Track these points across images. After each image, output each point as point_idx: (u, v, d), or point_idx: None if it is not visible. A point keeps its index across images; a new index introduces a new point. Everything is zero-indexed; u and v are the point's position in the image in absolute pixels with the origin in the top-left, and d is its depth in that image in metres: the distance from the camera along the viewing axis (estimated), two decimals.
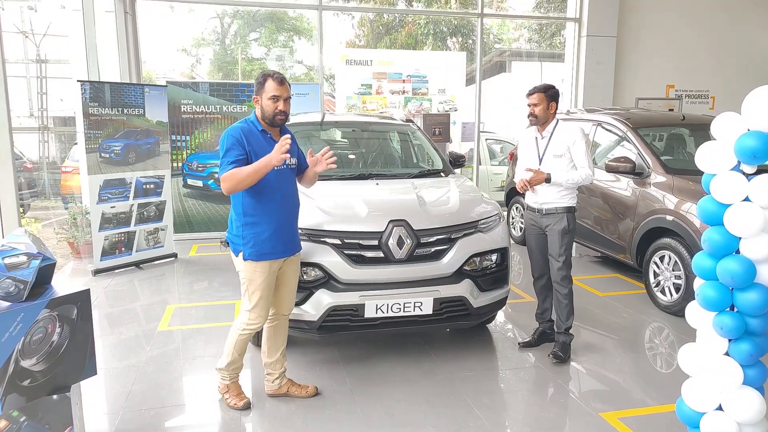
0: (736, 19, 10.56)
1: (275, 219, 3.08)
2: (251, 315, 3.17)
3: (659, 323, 4.82)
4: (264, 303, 3.16)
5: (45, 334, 2.34)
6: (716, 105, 10.67)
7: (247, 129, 3.05)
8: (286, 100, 3.05)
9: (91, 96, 5.92)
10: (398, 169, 5.13)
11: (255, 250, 3.06)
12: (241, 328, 3.22)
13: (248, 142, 3.00)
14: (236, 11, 23.90)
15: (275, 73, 3.09)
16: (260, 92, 3.05)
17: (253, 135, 3.04)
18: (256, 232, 3.05)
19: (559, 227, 3.91)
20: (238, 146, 2.97)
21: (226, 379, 3.37)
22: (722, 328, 2.65)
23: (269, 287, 3.15)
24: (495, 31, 23.87)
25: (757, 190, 2.57)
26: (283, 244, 3.15)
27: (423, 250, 3.66)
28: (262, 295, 3.13)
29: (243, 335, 3.23)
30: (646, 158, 5.43)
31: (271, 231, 3.06)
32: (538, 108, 3.88)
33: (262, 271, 3.09)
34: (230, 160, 2.94)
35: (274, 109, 3.03)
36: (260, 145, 3.03)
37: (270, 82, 3.02)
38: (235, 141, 2.97)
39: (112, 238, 6.17)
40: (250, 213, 3.06)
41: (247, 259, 3.08)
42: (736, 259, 2.60)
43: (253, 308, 3.15)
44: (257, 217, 3.06)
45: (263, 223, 3.06)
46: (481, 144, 9.99)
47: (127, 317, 4.90)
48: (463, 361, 3.98)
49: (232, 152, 2.96)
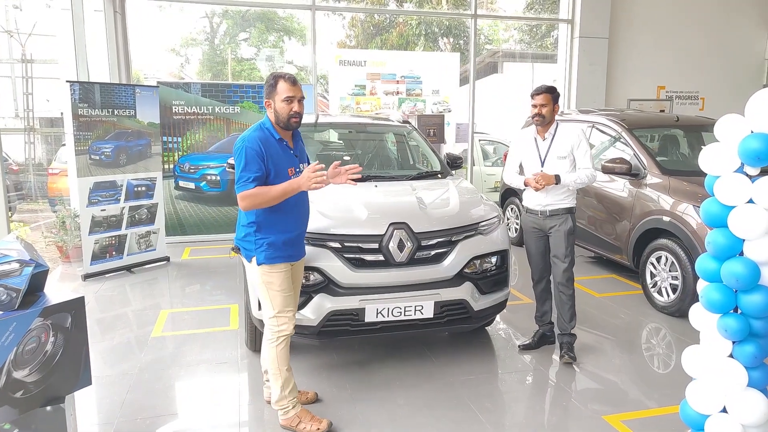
0: (725, 21, 10.65)
1: (290, 226, 3.00)
2: (279, 319, 3.02)
3: (657, 324, 4.81)
4: (289, 302, 3.03)
5: (38, 343, 2.27)
6: (705, 106, 10.75)
7: (264, 138, 2.90)
8: (300, 101, 2.95)
9: (80, 97, 5.82)
10: (396, 170, 5.08)
11: (268, 254, 2.94)
12: (273, 339, 3.04)
13: (268, 155, 2.86)
14: (226, 11, 23.76)
15: (286, 73, 2.97)
16: (272, 95, 2.92)
17: (270, 145, 2.90)
18: (271, 238, 2.95)
19: (565, 228, 3.89)
20: (259, 160, 2.83)
21: (289, 410, 3.10)
22: (726, 330, 2.64)
23: (289, 287, 3.03)
24: (486, 32, 23.92)
25: (761, 192, 2.55)
26: (295, 249, 3.08)
27: (423, 253, 3.62)
28: (284, 298, 3.01)
29: (279, 345, 3.03)
30: (642, 159, 5.43)
31: (285, 238, 2.98)
32: (545, 108, 3.83)
33: (278, 273, 2.98)
34: (251, 177, 2.80)
35: (288, 111, 2.91)
36: (278, 155, 2.91)
37: (282, 84, 2.90)
38: (255, 154, 2.82)
39: (102, 242, 6.07)
40: (264, 222, 2.94)
41: (261, 264, 2.97)
42: (741, 261, 2.59)
43: (279, 312, 3.01)
44: (271, 225, 2.95)
45: (278, 230, 2.96)
46: (474, 145, 9.97)
47: (119, 323, 4.81)
48: (463, 365, 3.95)
49: (252, 167, 2.81)
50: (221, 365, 3.95)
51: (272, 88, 2.92)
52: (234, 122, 7.68)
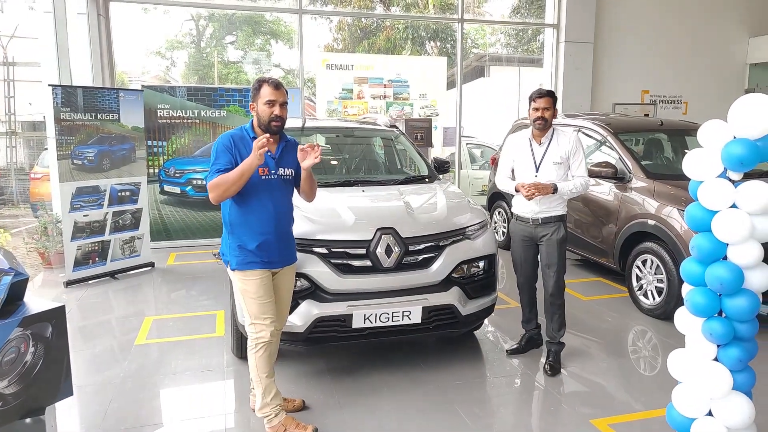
0: (707, 27, 10.80)
1: (262, 229, 2.97)
2: (256, 327, 3.00)
3: (643, 327, 4.84)
4: (265, 309, 2.99)
5: (18, 354, 2.22)
6: (688, 110, 10.89)
7: (238, 136, 2.99)
8: (282, 105, 2.98)
9: (63, 101, 5.74)
10: (384, 175, 5.07)
11: (240, 259, 2.96)
12: (252, 346, 3.02)
13: (237, 149, 2.93)
14: (212, 14, 23.65)
15: (271, 78, 3.03)
16: (256, 98, 2.98)
17: (244, 142, 2.97)
18: (242, 241, 2.96)
19: (557, 236, 3.85)
20: (227, 153, 2.91)
21: (272, 418, 3.07)
22: (711, 333, 2.66)
23: (266, 294, 3.00)
24: (473, 36, 24.04)
25: (744, 197, 2.58)
26: (271, 255, 3.02)
27: (411, 258, 3.60)
28: (259, 305, 2.98)
29: (258, 352, 3.00)
30: (627, 163, 5.47)
31: (258, 242, 2.96)
32: (548, 112, 3.75)
33: (252, 280, 2.97)
34: (217, 167, 2.87)
35: (269, 114, 2.95)
36: (250, 153, 2.90)
37: (265, 87, 2.96)
38: (224, 148, 2.92)
39: (85, 248, 5.99)
40: (236, 222, 2.97)
41: (234, 269, 2.99)
42: (725, 266, 2.61)
43: (254, 319, 3.00)
44: (243, 227, 2.97)
45: (249, 233, 2.96)
46: (461, 148, 10.00)
47: (102, 330, 4.74)
48: (451, 370, 3.93)
49: (220, 160, 2.89)
50: (207, 373, 3.91)
51: (256, 92, 2.99)
52: (220, 126, 7.62)
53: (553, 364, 3.94)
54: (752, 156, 2.54)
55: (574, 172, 3.83)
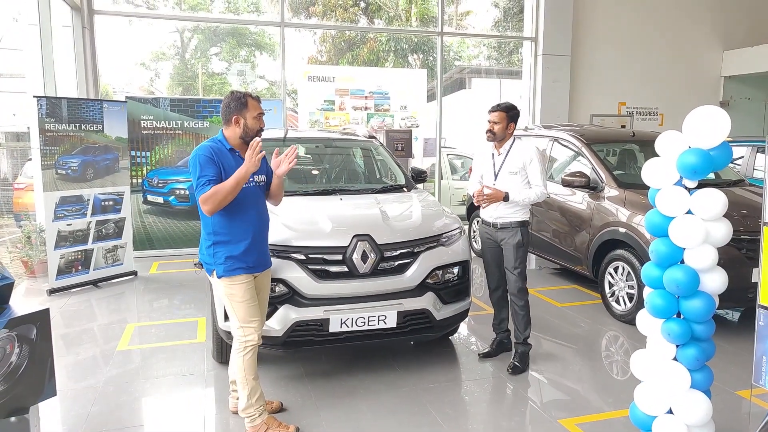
0: (683, 40, 11.11)
1: (246, 236, 3.07)
2: (245, 330, 3.10)
3: (614, 332, 4.98)
4: (252, 312, 3.10)
5: (3, 354, 2.30)
6: (664, 122, 11.15)
7: (216, 148, 3.05)
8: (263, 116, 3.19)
9: (47, 112, 5.81)
10: (362, 184, 5.19)
11: (227, 266, 3.04)
12: (240, 348, 3.11)
13: (220, 161, 3.01)
14: (196, 26, 23.73)
15: (251, 92, 3.19)
16: (242, 111, 3.07)
17: (222, 154, 3.05)
18: (228, 249, 3.04)
19: (513, 241, 4.01)
20: (212, 164, 2.97)
21: (256, 418, 3.17)
22: (670, 334, 2.79)
23: (252, 298, 3.11)
24: (455, 48, 24.34)
25: (698, 204, 2.73)
26: (255, 260, 3.13)
27: (386, 264, 3.71)
28: (247, 309, 3.08)
29: (247, 355, 3.10)
30: (600, 173, 5.64)
31: (243, 248, 3.06)
32: (497, 126, 3.96)
33: (238, 285, 3.06)
34: (208, 179, 2.93)
35: (259, 126, 3.12)
36: (229, 164, 3.03)
37: (252, 101, 3.10)
38: (207, 159, 2.97)
39: (68, 257, 6.03)
40: (221, 232, 3.04)
41: (221, 277, 3.06)
42: (681, 269, 2.75)
43: (243, 323, 3.09)
44: (228, 235, 3.04)
45: (234, 241, 3.05)
46: (442, 159, 10.16)
47: (84, 337, 4.79)
48: (426, 373, 4.05)
49: (208, 171, 2.94)
50: (187, 377, 3.98)
51: (243, 106, 3.08)
52: (203, 137, 7.70)
53: (517, 365, 4.08)
54: (705, 165, 2.70)
55: (531, 182, 4.00)
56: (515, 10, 20.43)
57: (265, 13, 24.03)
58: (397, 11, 21.39)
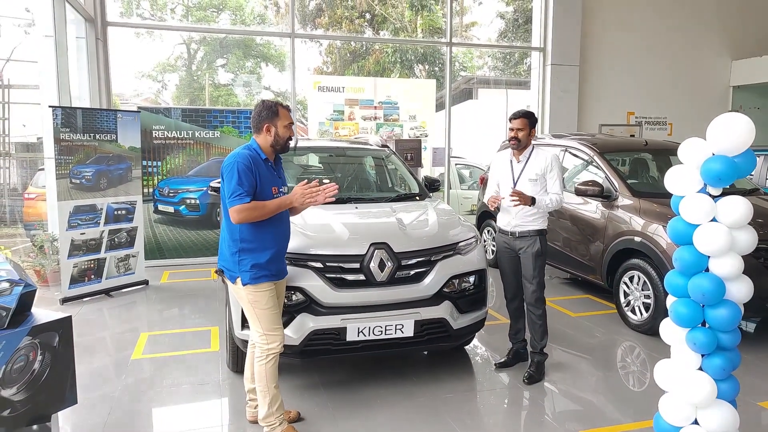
0: (691, 50, 11.12)
1: (272, 246, 3.08)
2: (268, 338, 3.09)
3: (631, 342, 4.94)
4: (276, 320, 3.11)
5: (26, 362, 2.29)
6: (673, 131, 11.13)
7: (254, 156, 3.04)
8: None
9: (62, 121, 5.84)
10: (376, 193, 5.19)
11: (253, 273, 3.03)
12: (263, 357, 3.11)
13: (258, 171, 3.02)
14: (203, 37, 23.91)
15: (281, 101, 3.22)
16: (274, 120, 3.08)
17: (258, 163, 3.06)
18: (254, 257, 3.04)
19: (532, 250, 3.99)
20: (251, 175, 2.97)
21: (275, 427, 3.16)
22: (695, 343, 2.75)
23: (275, 306, 3.12)
24: (460, 58, 24.44)
25: (723, 211, 2.70)
26: (278, 268, 3.16)
27: (404, 272, 3.69)
28: (271, 316, 3.09)
29: (269, 363, 3.11)
30: (613, 182, 5.62)
31: (268, 256, 3.06)
32: (522, 133, 3.97)
33: (264, 292, 3.06)
34: (245, 191, 2.93)
35: (289, 135, 3.14)
36: (264, 173, 3.06)
37: (283, 110, 3.13)
38: (247, 169, 2.96)
39: (81, 266, 6.03)
40: (249, 239, 3.04)
41: (246, 284, 3.05)
42: (706, 277, 2.71)
43: (267, 330, 3.09)
44: (256, 243, 3.04)
45: (261, 249, 3.05)
46: (450, 169, 10.16)
47: (98, 346, 4.78)
48: (442, 383, 4.01)
49: (246, 182, 2.94)
50: (203, 386, 3.95)
51: (274, 114, 3.10)
52: (214, 146, 7.74)
53: (533, 374, 4.05)
54: (730, 172, 2.68)
55: (549, 189, 3.99)
56: (521, 21, 20.53)
57: (271, 24, 24.22)
58: (402, 22, 21.52)
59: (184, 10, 23.50)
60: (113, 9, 20.51)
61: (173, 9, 23.35)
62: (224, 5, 23.62)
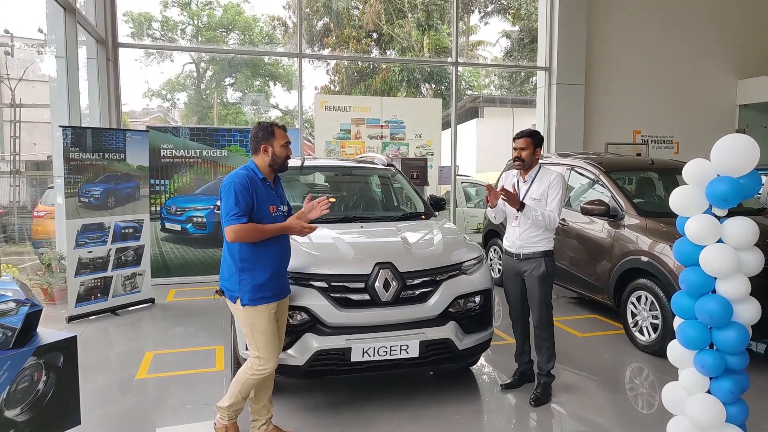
0: (697, 68, 11.14)
1: (271, 265, 3.12)
2: (261, 360, 3.13)
3: (639, 363, 4.88)
4: (272, 345, 3.15)
5: (31, 382, 2.29)
6: (680, 150, 11.11)
7: (251, 177, 3.11)
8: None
9: (72, 141, 5.91)
10: (381, 212, 5.19)
11: (252, 295, 3.07)
12: (250, 373, 3.17)
13: (255, 191, 3.07)
14: (212, 57, 24.23)
15: (277, 122, 3.28)
16: (270, 140, 3.15)
17: (256, 183, 3.11)
18: (254, 277, 3.08)
19: (537, 273, 3.95)
20: (248, 195, 3.03)
21: (224, 419, 3.34)
22: (703, 366, 2.72)
23: (273, 329, 3.15)
24: (467, 77, 24.61)
25: (729, 232, 2.69)
26: (278, 288, 3.19)
27: (409, 292, 3.68)
28: (268, 339, 3.12)
29: (253, 380, 3.18)
30: (620, 201, 5.60)
31: (267, 276, 3.10)
32: (525, 152, 3.94)
33: (263, 314, 3.09)
34: (241, 211, 2.98)
35: (287, 154, 3.20)
36: (262, 193, 3.11)
37: (278, 130, 3.19)
38: (243, 189, 3.02)
39: (87, 284, 6.05)
40: (248, 259, 3.08)
41: (245, 305, 3.08)
42: (714, 299, 2.69)
43: (262, 353, 3.13)
44: (254, 263, 3.08)
45: (260, 269, 3.09)
46: (457, 187, 10.18)
47: (103, 365, 4.77)
48: (447, 404, 3.97)
49: (242, 202, 3.00)
50: (207, 406, 3.92)
51: (270, 135, 3.17)
52: (221, 165, 7.80)
53: (540, 396, 4.00)
54: (735, 193, 2.67)
55: (547, 206, 3.92)
56: (527, 41, 20.68)
57: (279, 44, 24.51)
58: (409, 42, 21.73)
59: (194, 30, 23.86)
60: (124, 30, 20.91)
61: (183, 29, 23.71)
62: (233, 25, 23.97)
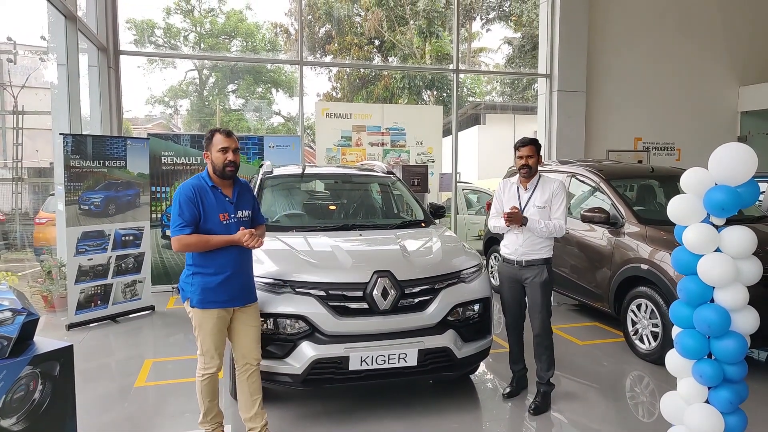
0: (698, 76, 11.13)
1: (224, 270, 3.16)
2: (204, 359, 3.23)
3: (639, 371, 4.86)
4: (215, 348, 3.21)
5: (26, 391, 2.29)
6: (681, 157, 11.09)
7: (198, 186, 3.16)
8: (234, 151, 3.20)
9: (73, 149, 5.93)
10: (380, 220, 5.19)
11: (200, 298, 3.14)
12: (199, 375, 3.26)
13: (200, 199, 3.12)
14: (215, 64, 24.32)
15: (222, 127, 3.29)
16: (209, 147, 3.20)
17: (204, 191, 3.16)
18: (204, 281, 3.14)
19: (539, 280, 3.95)
20: (192, 206, 3.09)
21: (210, 430, 3.37)
22: (701, 375, 2.71)
23: (219, 333, 3.20)
24: (468, 84, 24.66)
25: (727, 241, 2.68)
26: (231, 295, 3.20)
27: (407, 300, 3.67)
28: (212, 341, 3.19)
29: (203, 380, 3.25)
30: (620, 209, 5.59)
31: (218, 281, 3.15)
32: (532, 160, 3.94)
33: (209, 318, 3.16)
34: (185, 222, 3.06)
35: (223, 161, 3.16)
36: (210, 201, 3.16)
37: (218, 136, 3.19)
38: (187, 200, 3.09)
39: (88, 291, 6.06)
40: (199, 263, 3.15)
41: (193, 306, 3.16)
42: (712, 308, 2.68)
43: (204, 353, 3.22)
44: (205, 267, 3.14)
45: (211, 273, 3.14)
46: (458, 194, 10.17)
47: (102, 372, 4.77)
48: (447, 413, 3.95)
49: (186, 213, 3.07)
50: None
51: (209, 141, 3.21)
52: None
53: (539, 405, 3.98)
54: (733, 202, 2.67)
55: (552, 215, 3.96)
56: (528, 47, 20.72)
57: (281, 51, 24.61)
58: (411, 49, 21.80)
59: (196, 37, 23.97)
60: (127, 37, 21.02)
61: (186, 36, 23.83)
62: (236, 32, 24.08)
